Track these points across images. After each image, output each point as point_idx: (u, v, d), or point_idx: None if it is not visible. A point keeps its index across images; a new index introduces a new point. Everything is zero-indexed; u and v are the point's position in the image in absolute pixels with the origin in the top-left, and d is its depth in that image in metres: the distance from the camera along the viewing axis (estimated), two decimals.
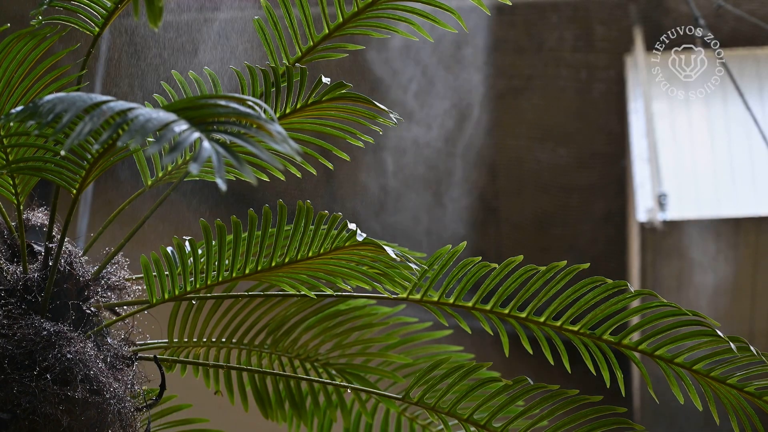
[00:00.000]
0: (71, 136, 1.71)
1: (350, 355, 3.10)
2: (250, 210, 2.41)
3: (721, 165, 6.70)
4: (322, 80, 2.45)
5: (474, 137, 7.12)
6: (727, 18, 6.67)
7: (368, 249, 2.34)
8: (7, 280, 2.46)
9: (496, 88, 7.11)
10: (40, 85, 2.44)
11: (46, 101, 1.86)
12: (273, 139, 1.71)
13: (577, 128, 7.33)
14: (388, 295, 2.67)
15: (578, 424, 2.59)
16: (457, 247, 2.70)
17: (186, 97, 2.62)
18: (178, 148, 1.66)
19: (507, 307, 2.68)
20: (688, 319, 2.52)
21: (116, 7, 2.51)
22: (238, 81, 2.64)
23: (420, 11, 2.71)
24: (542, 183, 7.48)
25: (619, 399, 2.70)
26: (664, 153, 6.67)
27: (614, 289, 2.57)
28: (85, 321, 2.49)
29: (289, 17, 2.70)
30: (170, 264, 2.56)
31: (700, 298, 6.52)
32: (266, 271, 2.50)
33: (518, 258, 2.65)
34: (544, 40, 7.06)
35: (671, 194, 6.46)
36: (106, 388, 2.37)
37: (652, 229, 6.37)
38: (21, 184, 2.55)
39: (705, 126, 6.81)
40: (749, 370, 2.54)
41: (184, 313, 2.94)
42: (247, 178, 1.64)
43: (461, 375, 2.67)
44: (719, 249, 6.47)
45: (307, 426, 3.10)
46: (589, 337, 2.62)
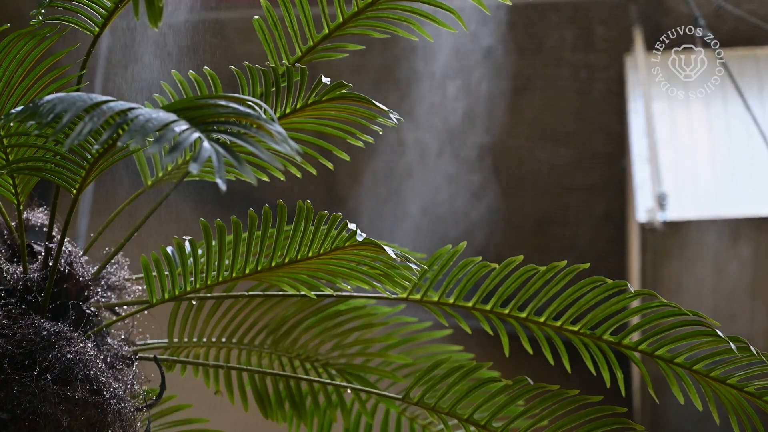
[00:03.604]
0: (71, 135, 1.71)
1: (350, 355, 3.10)
2: (250, 210, 2.41)
3: (721, 165, 6.70)
4: (322, 80, 2.45)
5: (474, 137, 7.12)
6: (727, 18, 6.67)
7: (368, 249, 2.34)
8: (7, 280, 2.46)
9: (496, 88, 7.11)
10: (40, 85, 2.44)
11: (46, 101, 1.86)
12: (273, 139, 1.71)
13: (577, 128, 7.33)
14: (388, 295, 2.67)
15: (578, 424, 2.59)
16: (457, 247, 2.70)
17: (186, 97, 2.62)
18: (178, 148, 1.66)
19: (507, 307, 2.68)
20: (688, 319, 2.52)
21: (116, 7, 2.51)
22: (238, 81, 2.64)
23: (420, 11, 2.71)
24: (542, 183, 7.48)
25: (619, 399, 2.70)
26: (664, 153, 6.66)
27: (614, 289, 2.57)
28: (85, 321, 2.49)
29: (289, 17, 2.70)
30: (170, 264, 2.56)
31: (700, 298, 6.52)
32: (266, 271, 2.50)
33: (518, 258, 2.65)
34: (544, 40, 7.06)
35: (671, 194, 6.46)
36: (106, 388, 2.37)
37: (652, 230, 6.37)
38: (21, 184, 2.55)
39: (705, 126, 6.81)
40: (749, 370, 2.54)
41: (184, 313, 2.94)
42: (247, 178, 1.64)
43: (461, 375, 2.67)
44: (719, 249, 6.47)
45: (307, 426, 3.10)
46: (589, 337, 2.62)
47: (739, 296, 6.55)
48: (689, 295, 6.51)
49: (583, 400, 2.58)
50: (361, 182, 7.21)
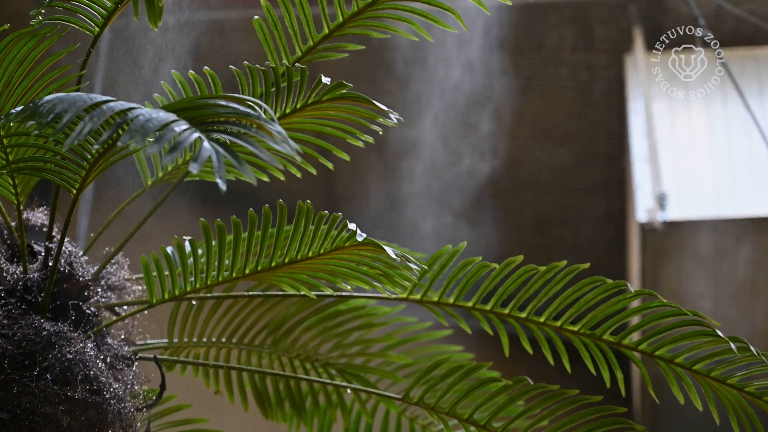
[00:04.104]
0: (71, 135, 1.71)
1: (350, 355, 3.10)
2: (250, 210, 2.41)
3: (721, 165, 6.70)
4: (321, 80, 2.45)
5: (474, 137, 7.12)
6: (727, 18, 6.67)
7: (368, 249, 2.34)
8: (7, 280, 2.46)
9: (497, 88, 7.10)
10: (40, 85, 2.44)
11: (46, 101, 1.86)
12: (273, 139, 1.72)
13: (577, 128, 7.32)
14: (388, 295, 2.67)
15: (578, 424, 2.59)
16: (457, 247, 2.70)
17: (186, 97, 2.62)
18: (178, 148, 1.66)
19: (507, 307, 2.68)
20: (688, 319, 2.52)
21: (116, 7, 2.51)
22: (238, 81, 2.64)
23: (420, 11, 2.71)
24: (542, 183, 7.48)
25: (619, 399, 2.69)
26: (664, 153, 6.66)
27: (614, 289, 2.57)
28: (85, 321, 2.49)
29: (289, 17, 2.70)
30: (170, 264, 2.56)
31: (700, 298, 6.52)
32: (266, 271, 2.50)
33: (518, 258, 2.65)
34: (544, 40, 7.05)
35: (671, 194, 6.46)
36: (106, 388, 2.38)
37: (653, 230, 6.37)
38: (21, 184, 2.55)
39: (705, 126, 6.81)
40: (749, 370, 2.54)
41: (184, 313, 2.95)
42: (247, 178, 1.64)
43: (461, 375, 2.67)
44: (719, 249, 6.46)
45: (307, 426, 3.10)
46: (589, 337, 2.62)
47: (739, 296, 6.55)
48: (689, 295, 6.51)
49: (583, 400, 2.58)
50: (361, 180, 7.21)
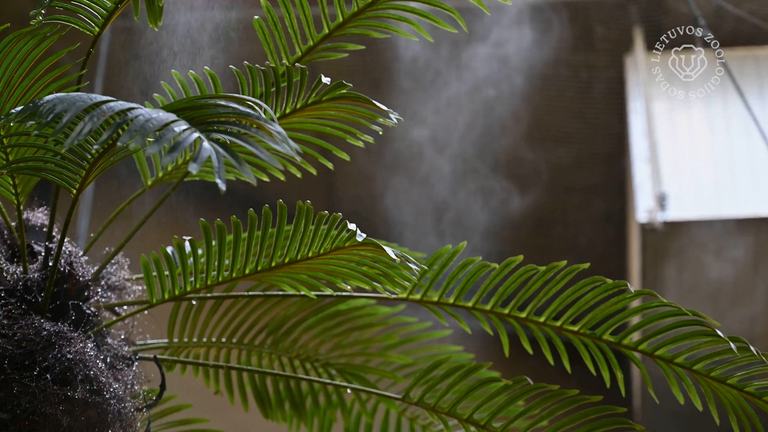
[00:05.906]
0: (71, 135, 1.71)
1: (350, 355, 3.10)
2: (250, 210, 2.41)
3: (721, 165, 6.70)
4: (321, 80, 2.45)
5: (474, 137, 7.12)
6: (727, 18, 6.67)
7: (368, 249, 2.34)
8: (7, 280, 2.46)
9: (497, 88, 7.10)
10: (40, 85, 2.44)
11: (46, 101, 1.86)
12: (273, 139, 1.72)
13: (577, 128, 7.33)
14: (387, 295, 2.67)
15: (578, 424, 2.59)
16: (457, 247, 2.70)
17: (186, 97, 2.62)
18: (178, 148, 1.66)
19: (507, 307, 2.68)
20: (688, 319, 2.52)
21: (116, 7, 2.50)
22: (238, 81, 2.64)
23: (420, 11, 2.71)
24: (542, 183, 7.48)
25: (619, 399, 2.70)
26: (664, 153, 6.66)
27: (614, 289, 2.57)
28: (85, 321, 2.49)
29: (289, 17, 2.70)
30: (170, 264, 2.56)
31: (700, 298, 6.52)
32: (266, 272, 2.50)
33: (518, 258, 2.65)
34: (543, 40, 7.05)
35: (671, 194, 6.46)
36: (106, 388, 2.37)
37: (653, 230, 6.37)
38: (21, 184, 2.55)
39: (705, 126, 6.81)
40: (749, 370, 2.54)
41: (184, 313, 2.95)
42: (246, 178, 1.64)
43: (461, 375, 2.67)
44: (719, 249, 6.46)
45: (307, 426, 3.10)
46: (589, 337, 2.62)
47: (739, 296, 6.55)
48: (689, 295, 6.51)
49: (583, 400, 2.58)
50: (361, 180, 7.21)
